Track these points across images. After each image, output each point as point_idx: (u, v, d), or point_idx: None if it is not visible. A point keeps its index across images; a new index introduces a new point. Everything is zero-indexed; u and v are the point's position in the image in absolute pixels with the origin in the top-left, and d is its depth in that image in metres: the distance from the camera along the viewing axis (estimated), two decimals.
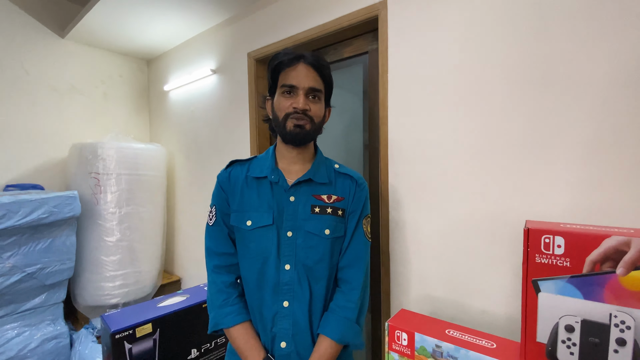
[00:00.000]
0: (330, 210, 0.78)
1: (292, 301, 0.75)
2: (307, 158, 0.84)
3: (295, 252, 0.76)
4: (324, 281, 0.77)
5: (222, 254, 0.81)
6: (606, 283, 0.52)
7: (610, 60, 0.79)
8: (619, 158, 0.78)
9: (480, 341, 0.68)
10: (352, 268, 0.79)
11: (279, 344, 0.75)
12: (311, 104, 0.77)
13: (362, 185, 0.84)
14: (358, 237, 0.80)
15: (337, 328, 0.73)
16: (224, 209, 0.82)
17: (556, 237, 0.56)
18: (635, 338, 0.51)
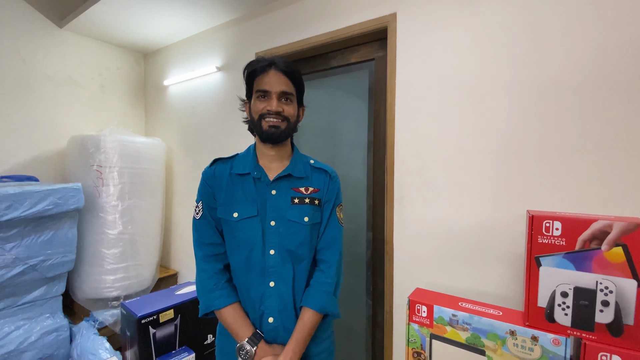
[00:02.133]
0: (308, 201, 0.89)
1: (277, 281, 0.85)
2: (285, 155, 0.93)
3: (279, 238, 0.86)
4: (305, 262, 0.88)
5: (210, 244, 0.89)
6: (593, 257, 0.67)
7: (594, 68, 0.95)
8: (599, 160, 0.94)
9: (489, 310, 0.81)
10: (328, 249, 0.90)
11: (267, 319, 0.85)
12: (284, 106, 0.86)
13: (335, 178, 0.96)
14: (333, 223, 0.92)
15: (318, 300, 0.84)
16: (210, 203, 0.89)
17: (555, 221, 0.70)
18: (617, 300, 0.66)
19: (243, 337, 0.83)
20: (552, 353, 0.70)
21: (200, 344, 1.30)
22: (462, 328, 0.80)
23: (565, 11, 1.00)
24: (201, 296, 0.87)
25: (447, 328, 0.82)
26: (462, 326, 0.80)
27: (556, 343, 0.70)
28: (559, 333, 0.70)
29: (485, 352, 0.77)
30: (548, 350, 0.71)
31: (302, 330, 0.84)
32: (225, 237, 0.91)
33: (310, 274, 0.91)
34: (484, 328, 0.77)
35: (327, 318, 0.91)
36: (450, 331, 0.82)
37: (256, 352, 0.81)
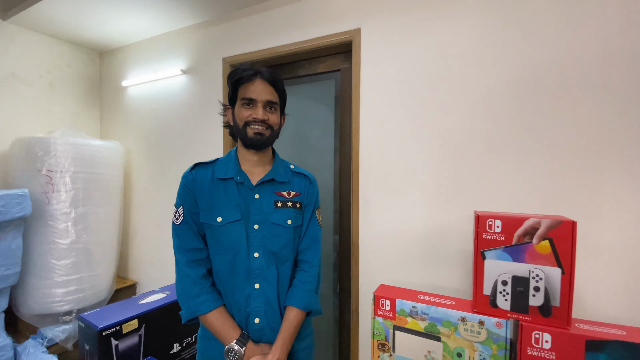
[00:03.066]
0: (291, 204, 0.93)
1: (262, 283, 0.88)
2: (267, 160, 0.97)
3: (263, 241, 0.89)
4: (289, 264, 0.92)
5: (193, 250, 0.89)
6: (526, 250, 0.79)
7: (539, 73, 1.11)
8: (535, 166, 1.09)
9: (443, 301, 0.91)
10: (310, 250, 0.95)
11: (253, 320, 0.87)
12: (269, 114, 0.90)
13: (314, 182, 1.02)
14: (313, 225, 0.97)
15: (302, 298, 0.89)
16: (192, 208, 0.89)
17: (496, 220, 0.81)
18: (546, 285, 0.78)
19: (231, 339, 0.84)
20: (495, 334, 0.81)
21: (167, 353, 1.26)
22: (421, 318, 0.89)
23: (510, 30, 1.15)
24: (184, 302, 0.87)
25: (407, 319, 0.90)
26: (421, 316, 0.89)
27: (499, 325, 0.81)
28: (501, 317, 0.81)
29: (440, 339, 0.86)
30: (492, 332, 0.81)
31: (289, 328, 0.87)
32: (208, 242, 0.91)
33: (293, 275, 0.95)
34: (439, 317, 0.87)
35: (309, 315, 0.95)
36: (410, 322, 0.90)
37: (245, 352, 0.83)
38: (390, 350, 0.93)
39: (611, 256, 1.01)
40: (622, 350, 0.70)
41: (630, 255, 0.99)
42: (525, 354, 0.78)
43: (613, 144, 1.01)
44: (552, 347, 0.75)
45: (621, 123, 1.01)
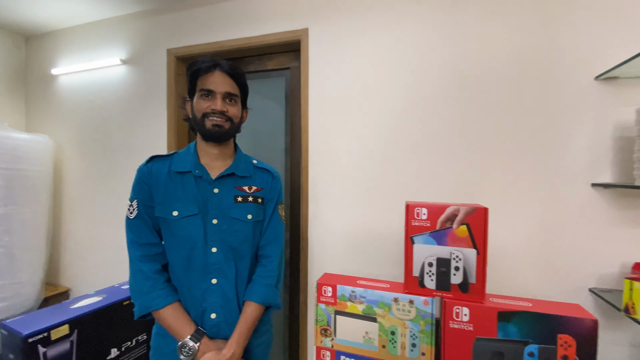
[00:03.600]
0: (252, 199, 0.94)
1: (219, 278, 0.88)
2: (228, 154, 0.97)
3: (221, 236, 0.89)
4: (248, 259, 0.92)
5: (147, 244, 0.87)
6: (448, 234, 0.88)
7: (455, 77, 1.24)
8: (459, 161, 1.22)
9: (379, 284, 0.98)
10: (271, 245, 0.96)
11: (209, 315, 0.87)
12: (229, 106, 0.90)
13: (277, 178, 1.03)
14: (275, 220, 0.98)
15: (261, 293, 0.90)
16: (146, 202, 0.88)
17: (423, 208, 0.90)
18: (464, 265, 0.88)
19: (185, 334, 0.82)
20: (423, 312, 0.90)
21: (103, 359, 1.19)
22: (359, 302, 0.95)
23: (438, 38, 1.27)
24: (137, 298, 0.84)
25: (347, 303, 0.96)
26: (359, 300, 0.95)
27: (426, 303, 0.90)
28: (428, 295, 0.90)
29: (376, 319, 0.93)
30: (420, 309, 0.90)
31: (246, 322, 0.87)
32: (164, 236, 0.89)
33: (252, 270, 0.95)
34: (375, 299, 0.94)
35: (268, 311, 0.96)
36: (350, 306, 0.96)
37: (199, 347, 0.82)
38: (332, 334, 0.98)
39: (523, 239, 1.17)
40: (528, 319, 0.82)
41: (537, 237, 1.16)
42: (448, 327, 0.87)
43: (523, 144, 1.18)
44: (470, 320, 0.85)
45: (530, 127, 1.17)
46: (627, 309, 0.91)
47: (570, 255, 1.14)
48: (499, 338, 0.82)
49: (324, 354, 0.98)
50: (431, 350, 0.89)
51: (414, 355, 0.90)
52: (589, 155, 1.13)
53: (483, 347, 0.84)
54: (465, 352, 0.85)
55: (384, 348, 0.93)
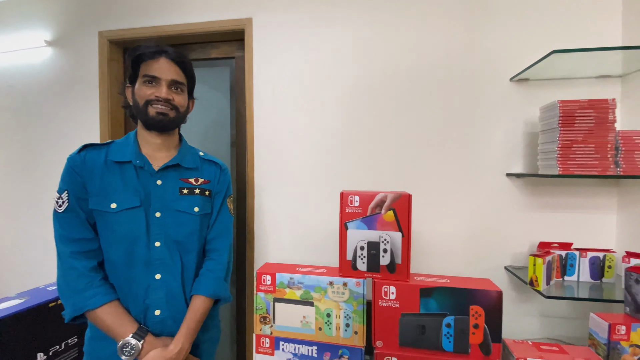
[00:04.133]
0: (198, 191, 0.92)
1: (164, 273, 0.85)
2: (173, 145, 0.94)
3: (165, 229, 0.86)
4: (195, 253, 0.90)
5: (80, 240, 0.81)
6: (377, 219, 0.94)
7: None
8: (389, 153, 1.30)
9: (317, 270, 1.02)
10: (220, 238, 0.95)
11: (153, 312, 0.84)
12: (174, 95, 0.88)
13: (226, 170, 1.02)
14: (224, 213, 0.98)
15: (210, 286, 0.89)
16: (79, 194, 0.82)
17: (355, 196, 0.95)
18: (391, 247, 0.94)
19: (126, 333, 0.78)
20: (355, 293, 0.95)
21: None
22: (297, 288, 0.98)
23: (376, 38, 1.33)
24: (69, 297, 0.77)
25: (286, 290, 0.98)
26: (297, 286, 0.98)
27: (358, 285, 0.95)
28: (359, 277, 0.96)
29: (313, 303, 0.97)
30: (353, 291, 0.95)
31: (194, 317, 0.85)
32: (100, 231, 0.83)
33: (200, 264, 0.92)
34: (312, 284, 0.97)
35: (217, 305, 0.94)
36: (288, 292, 0.98)
37: (143, 345, 0.78)
38: (270, 321, 1.00)
39: (448, 224, 1.29)
40: (446, 294, 0.90)
41: (460, 222, 1.28)
42: (378, 306, 0.94)
43: (449, 138, 1.29)
44: (397, 297, 0.92)
45: (454, 122, 1.28)
46: (531, 282, 1.04)
47: (488, 237, 1.27)
48: (421, 312, 0.90)
49: (263, 341, 1.00)
50: (363, 328, 0.95)
51: (348, 335, 0.95)
52: (503, 148, 1.27)
53: (408, 322, 0.91)
54: (392, 327, 0.92)
55: (320, 330, 0.97)
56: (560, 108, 1.00)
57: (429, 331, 0.90)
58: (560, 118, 1.00)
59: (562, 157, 1.00)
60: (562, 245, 1.15)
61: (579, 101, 1.00)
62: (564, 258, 1.15)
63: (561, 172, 1.00)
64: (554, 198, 1.23)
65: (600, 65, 1.10)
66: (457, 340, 0.88)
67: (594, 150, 0.98)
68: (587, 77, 1.20)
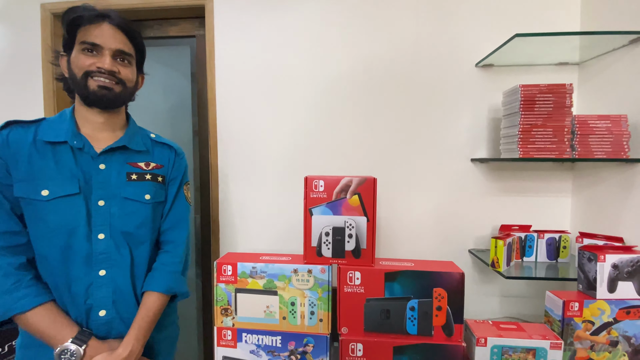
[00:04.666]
0: (150, 177, 0.82)
1: (110, 269, 0.76)
2: (118, 125, 0.83)
3: (110, 220, 0.77)
4: (147, 245, 0.82)
5: (4, 233, 0.71)
6: (342, 204, 0.92)
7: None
8: (357, 140, 1.28)
9: (281, 258, 0.98)
10: (175, 229, 0.87)
11: (97, 313, 0.75)
12: (120, 67, 0.76)
13: (181, 155, 0.94)
14: (180, 202, 0.89)
15: (164, 281, 0.81)
16: (2, 179, 0.72)
17: (320, 180, 0.92)
18: (356, 232, 0.92)
19: (64, 338, 0.69)
20: (320, 279, 0.93)
21: None
22: (260, 277, 0.94)
23: (349, 25, 1.28)
24: None
25: (248, 280, 0.94)
26: (260, 275, 0.94)
27: (323, 271, 0.93)
28: (324, 263, 0.93)
29: (277, 292, 0.94)
30: (318, 278, 0.93)
31: (146, 316, 0.77)
32: (28, 223, 0.72)
33: (153, 258, 0.84)
34: (276, 272, 0.93)
35: (174, 301, 0.87)
36: (251, 282, 0.94)
37: (85, 351, 0.69)
38: (232, 313, 0.95)
39: (415, 208, 1.29)
40: (410, 277, 0.90)
41: (427, 207, 1.30)
42: (343, 292, 0.92)
43: (417, 124, 1.28)
44: (361, 283, 0.91)
45: (423, 109, 1.28)
46: (493, 263, 1.07)
47: (453, 221, 1.29)
48: (386, 297, 0.89)
49: (224, 333, 0.95)
50: (328, 315, 0.93)
51: (313, 323, 0.93)
52: (469, 134, 1.28)
53: (372, 307, 0.90)
54: (357, 313, 0.91)
55: (285, 319, 0.94)
56: (522, 92, 1.01)
57: (394, 315, 0.89)
58: (522, 102, 1.01)
59: (522, 141, 1.02)
60: (521, 228, 1.19)
61: (538, 86, 1.02)
62: (523, 240, 1.18)
63: (521, 156, 1.02)
64: (515, 182, 1.27)
65: (560, 51, 1.13)
66: (421, 323, 0.89)
67: (552, 134, 1.01)
68: (547, 64, 1.23)
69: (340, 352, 0.91)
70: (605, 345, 0.84)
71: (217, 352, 0.96)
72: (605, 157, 0.99)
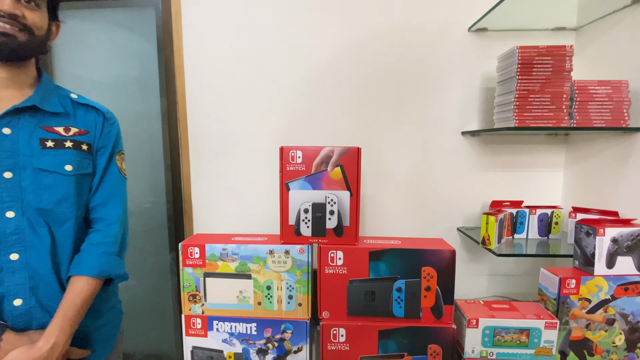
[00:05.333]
0: (71, 145, 0.70)
1: (23, 252, 0.66)
2: (27, 82, 0.70)
3: (22, 195, 0.66)
4: (71, 223, 0.71)
5: None
6: (323, 177, 0.82)
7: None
8: (341, 111, 1.18)
9: (256, 239, 0.89)
10: (107, 205, 0.76)
11: (11, 302, 0.65)
12: (25, 10, 0.63)
13: (112, 119, 0.80)
14: (112, 174, 0.77)
15: (94, 263, 0.70)
16: None
17: (297, 151, 0.82)
18: (338, 208, 0.83)
19: None
20: (299, 261, 0.84)
21: None
22: (231, 259, 0.84)
23: None
24: None
25: (218, 263, 0.84)
26: (231, 258, 0.84)
27: (301, 252, 0.84)
28: (303, 243, 0.84)
29: (251, 276, 0.85)
30: (296, 259, 0.84)
31: (73, 303, 0.66)
32: None
33: (81, 238, 0.73)
34: (249, 254, 0.84)
35: (112, 284, 0.77)
36: (221, 265, 0.84)
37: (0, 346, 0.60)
38: (201, 299, 0.86)
39: (401, 185, 1.22)
40: (397, 256, 0.82)
41: (414, 183, 1.22)
42: (324, 273, 0.83)
43: (406, 96, 1.19)
44: (344, 263, 0.83)
45: (412, 80, 1.18)
46: (483, 240, 1.00)
47: (442, 198, 1.22)
48: (371, 278, 0.82)
49: (193, 322, 0.86)
50: (308, 299, 0.85)
51: (291, 308, 0.85)
52: (459, 105, 1.19)
53: (356, 289, 0.82)
54: (340, 296, 0.83)
55: (260, 305, 0.85)
56: (519, 54, 0.93)
57: (379, 297, 0.82)
58: (519, 65, 0.93)
59: (518, 109, 0.94)
60: (513, 204, 1.13)
61: (537, 47, 0.93)
62: (515, 216, 1.13)
63: (517, 125, 0.94)
64: (506, 157, 1.20)
65: (557, 13, 1.04)
66: (408, 305, 0.82)
67: (549, 101, 0.93)
68: (543, 29, 1.15)
69: (321, 338, 0.83)
70: (602, 324, 0.80)
71: (185, 342, 0.87)
72: (604, 125, 0.93)
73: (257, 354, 0.85)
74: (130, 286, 1.54)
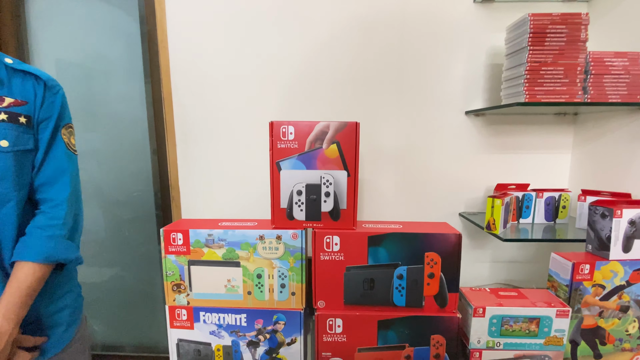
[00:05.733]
0: (6, 117, 0.63)
1: None
2: None
3: None
4: (12, 205, 0.64)
5: None
6: (317, 156, 0.75)
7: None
8: (335, 88, 1.09)
9: (245, 224, 0.82)
10: (54, 185, 0.69)
11: None
12: None
13: (55, 87, 0.70)
14: (58, 150, 0.69)
15: (40, 248, 0.64)
16: None
17: (289, 126, 0.74)
18: (335, 190, 0.76)
19: None
20: (292, 247, 0.77)
21: None
22: (218, 246, 0.77)
23: None
24: None
25: (204, 250, 0.78)
26: (218, 244, 0.77)
27: (294, 237, 0.77)
28: (297, 228, 0.78)
29: (240, 263, 0.78)
30: (289, 245, 0.77)
31: (18, 289, 0.60)
32: None
33: (26, 220, 0.66)
34: (237, 240, 0.77)
35: (67, 268, 0.70)
36: (207, 252, 0.78)
37: None
38: (186, 289, 0.79)
39: (402, 167, 1.15)
40: (398, 241, 0.75)
41: (415, 166, 1.15)
42: (319, 260, 0.77)
43: (407, 75, 1.11)
44: (341, 249, 0.76)
45: (413, 58, 1.10)
46: (488, 225, 0.95)
47: (443, 182, 1.16)
48: (370, 264, 0.76)
49: (178, 313, 0.80)
50: (302, 287, 0.79)
51: (284, 297, 0.79)
52: (463, 83, 1.12)
53: (354, 276, 0.76)
54: (336, 284, 0.77)
55: (250, 294, 0.79)
56: (531, 23, 0.85)
57: (378, 285, 0.76)
58: (531, 35, 0.85)
59: (529, 83, 0.87)
60: (519, 187, 1.07)
61: (550, 15, 0.85)
62: (521, 200, 1.07)
63: (528, 100, 0.87)
64: (512, 138, 1.14)
65: None
66: (410, 293, 0.76)
67: (562, 74, 0.86)
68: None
69: (317, 329, 0.77)
70: (615, 312, 0.75)
71: (170, 335, 0.81)
72: (620, 101, 0.86)
73: (248, 346, 0.80)
74: (120, 276, 1.48)
